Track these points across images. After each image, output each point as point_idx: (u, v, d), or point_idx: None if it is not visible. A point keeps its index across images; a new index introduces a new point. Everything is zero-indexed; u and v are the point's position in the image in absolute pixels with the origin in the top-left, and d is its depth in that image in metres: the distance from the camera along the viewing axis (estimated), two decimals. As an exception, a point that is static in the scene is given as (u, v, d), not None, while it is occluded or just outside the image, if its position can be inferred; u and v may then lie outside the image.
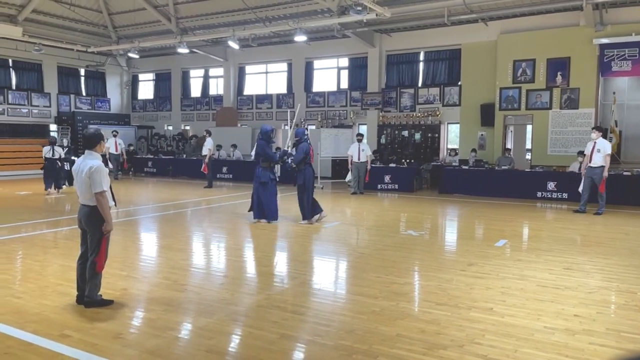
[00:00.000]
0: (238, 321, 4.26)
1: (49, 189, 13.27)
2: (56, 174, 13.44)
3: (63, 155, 13.87)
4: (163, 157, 20.34)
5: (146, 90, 25.06)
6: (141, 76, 25.00)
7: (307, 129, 11.07)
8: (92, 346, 3.68)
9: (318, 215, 9.07)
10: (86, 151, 4.57)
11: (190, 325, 4.21)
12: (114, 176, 17.56)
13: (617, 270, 5.87)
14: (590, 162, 10.28)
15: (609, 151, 10.21)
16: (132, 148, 20.75)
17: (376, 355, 3.55)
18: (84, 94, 23.33)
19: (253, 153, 9.54)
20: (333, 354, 3.59)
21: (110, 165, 16.65)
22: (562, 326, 4.10)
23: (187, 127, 23.10)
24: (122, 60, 23.66)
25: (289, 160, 9.20)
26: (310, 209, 8.97)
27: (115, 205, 4.84)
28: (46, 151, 13.45)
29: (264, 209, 8.94)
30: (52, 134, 20.97)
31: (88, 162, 4.44)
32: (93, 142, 4.55)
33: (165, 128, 23.64)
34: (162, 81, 24.05)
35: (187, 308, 4.58)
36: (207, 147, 14.64)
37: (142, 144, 23.25)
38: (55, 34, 19.20)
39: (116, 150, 17.48)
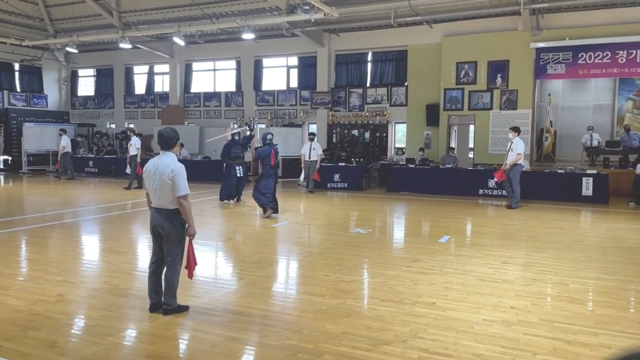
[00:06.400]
0: (182, 325, 4.16)
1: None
2: None
3: None
4: (105, 156, 19.56)
5: (87, 86, 23.98)
6: (81, 72, 23.90)
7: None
8: (24, 356, 3.49)
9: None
10: (162, 151, 4.34)
11: (131, 331, 4.08)
12: (70, 175, 16.90)
13: (551, 263, 6.19)
14: (506, 160, 10.87)
15: (520, 151, 10.78)
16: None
17: (321, 353, 3.57)
18: (18, 89, 22.05)
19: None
20: (279, 354, 3.58)
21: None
22: (499, 318, 4.28)
23: (131, 125, 22.30)
24: (60, 54, 22.54)
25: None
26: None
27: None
28: None
29: (222, 191, 11.43)
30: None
31: (169, 164, 4.22)
32: (172, 142, 4.36)
33: (108, 126, 22.74)
34: (103, 77, 23.10)
35: (129, 313, 4.43)
36: (136, 147, 14.10)
37: (82, 142, 22.20)
38: (-15, 26, 18.07)
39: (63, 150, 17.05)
